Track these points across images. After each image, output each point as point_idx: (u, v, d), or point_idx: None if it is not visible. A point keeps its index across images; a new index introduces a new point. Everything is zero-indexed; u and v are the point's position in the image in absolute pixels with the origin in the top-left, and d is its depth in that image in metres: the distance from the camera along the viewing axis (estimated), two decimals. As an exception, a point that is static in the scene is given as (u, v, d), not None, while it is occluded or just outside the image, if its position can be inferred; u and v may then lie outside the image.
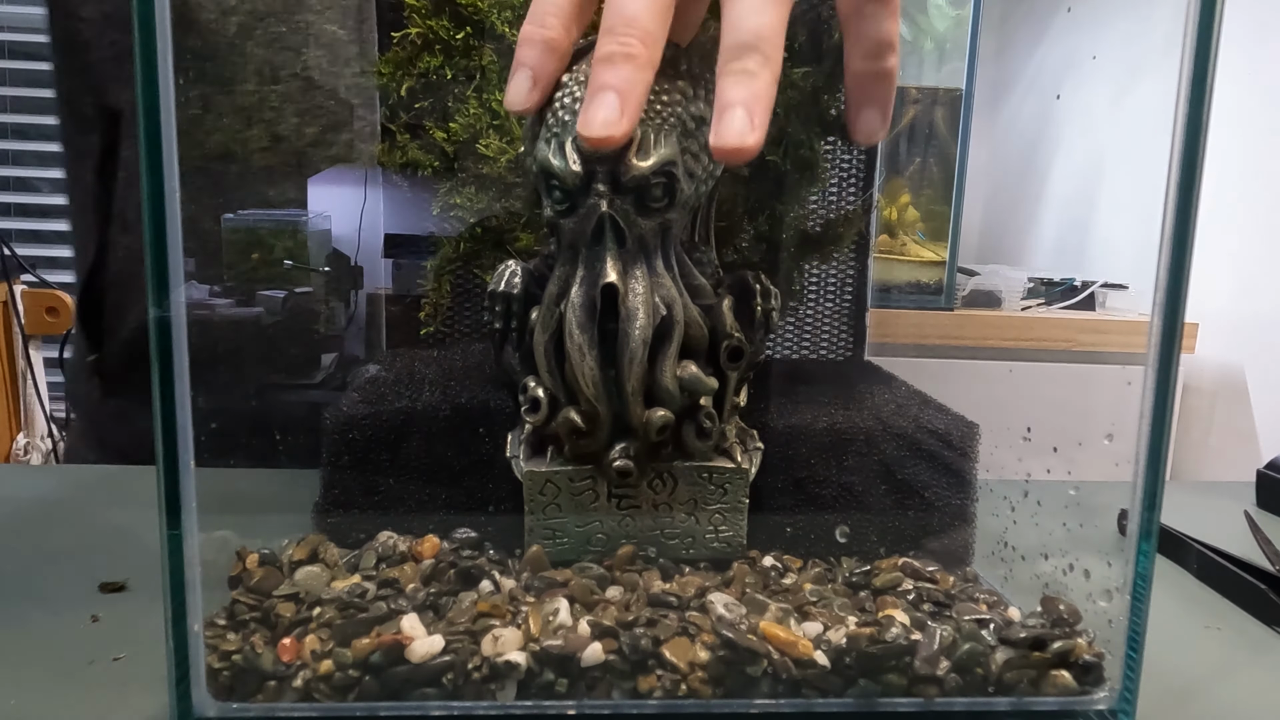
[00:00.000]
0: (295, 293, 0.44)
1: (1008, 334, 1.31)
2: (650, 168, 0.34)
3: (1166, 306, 0.32)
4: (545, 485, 0.37)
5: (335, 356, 0.36)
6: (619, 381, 0.35)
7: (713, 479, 0.37)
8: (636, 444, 0.36)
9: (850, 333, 0.55)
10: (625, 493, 0.37)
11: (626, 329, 0.35)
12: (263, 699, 0.31)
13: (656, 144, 0.34)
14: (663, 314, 0.35)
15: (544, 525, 0.37)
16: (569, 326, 0.35)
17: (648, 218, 0.35)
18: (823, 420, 0.42)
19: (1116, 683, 0.34)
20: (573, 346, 0.35)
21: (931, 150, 1.23)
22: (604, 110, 0.32)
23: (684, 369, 0.36)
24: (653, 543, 0.38)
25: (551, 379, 0.36)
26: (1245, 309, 1.38)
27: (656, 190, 0.34)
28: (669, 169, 0.34)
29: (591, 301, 0.35)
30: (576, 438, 0.36)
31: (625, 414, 0.35)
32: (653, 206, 0.35)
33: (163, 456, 0.29)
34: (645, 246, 0.35)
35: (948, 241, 1.24)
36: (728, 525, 0.38)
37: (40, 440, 1.63)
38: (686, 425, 0.37)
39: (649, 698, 0.32)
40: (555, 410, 0.36)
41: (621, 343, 0.35)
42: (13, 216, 1.79)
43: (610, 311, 0.35)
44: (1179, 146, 0.31)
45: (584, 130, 0.32)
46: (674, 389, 0.36)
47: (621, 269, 0.35)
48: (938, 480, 0.42)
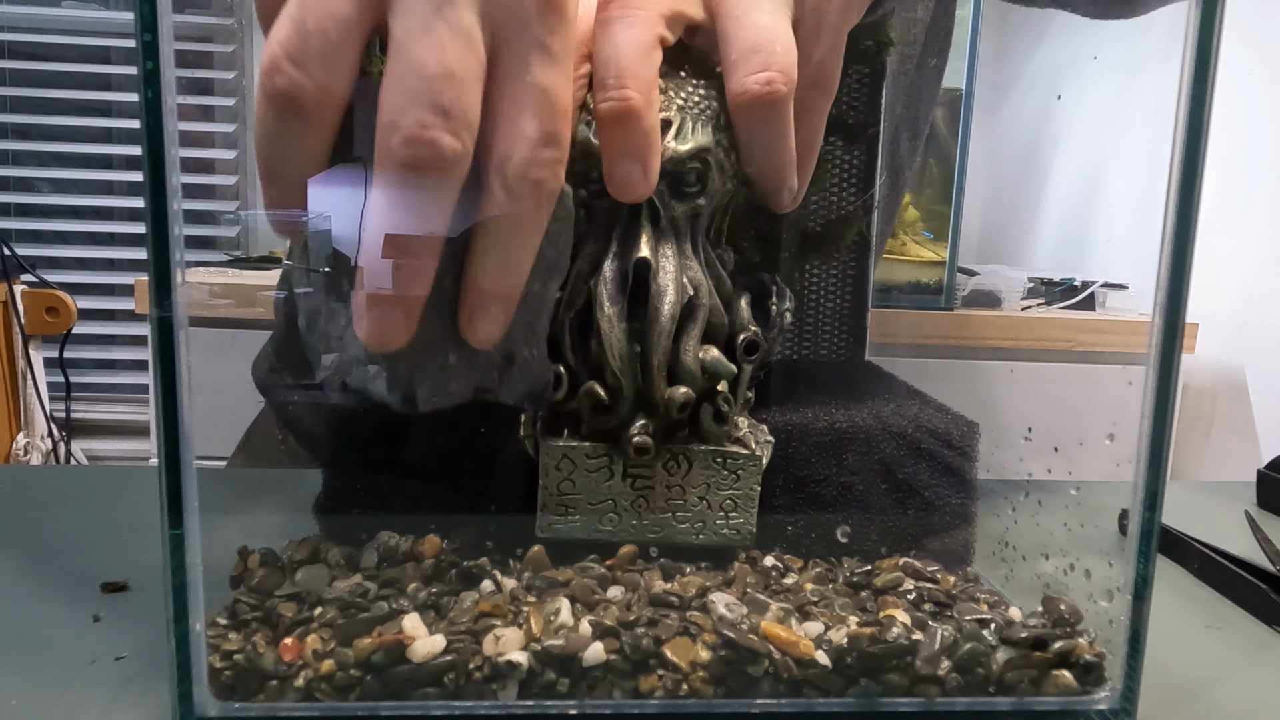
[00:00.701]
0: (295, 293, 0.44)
1: (1008, 334, 1.31)
2: (687, 152, 0.36)
3: (1167, 306, 0.32)
4: (562, 460, 0.37)
5: (335, 357, 0.36)
6: (644, 356, 0.36)
7: (726, 464, 0.38)
8: (655, 422, 0.37)
9: (850, 333, 0.55)
10: (640, 472, 0.37)
11: (656, 304, 0.36)
12: (264, 699, 0.31)
13: (694, 131, 0.36)
14: (689, 294, 0.36)
15: (558, 501, 0.37)
16: (599, 299, 0.36)
17: (681, 201, 0.36)
18: (823, 420, 0.42)
19: (1117, 683, 0.34)
20: (603, 318, 0.36)
21: (931, 150, 1.23)
22: (629, 174, 0.34)
23: (706, 351, 0.37)
24: (663, 526, 0.38)
25: (574, 357, 0.37)
26: (1245, 309, 1.38)
27: (690, 176, 0.36)
28: (704, 156, 0.36)
29: (623, 275, 0.36)
30: (597, 413, 0.37)
31: (648, 389, 0.36)
32: (686, 191, 0.36)
33: (164, 456, 0.29)
34: (677, 229, 0.37)
35: (948, 241, 1.24)
36: (739, 513, 0.38)
37: (40, 440, 1.63)
38: (704, 408, 0.37)
39: (650, 697, 0.32)
40: (575, 388, 0.37)
41: (651, 316, 0.36)
42: (13, 216, 1.79)
43: (639, 290, 0.36)
44: (1180, 146, 0.31)
45: (617, 196, 0.35)
46: (695, 369, 0.37)
47: (654, 247, 0.36)
48: (938, 480, 0.42)
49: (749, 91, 0.35)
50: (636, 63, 0.34)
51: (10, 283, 1.57)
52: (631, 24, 0.35)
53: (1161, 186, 0.31)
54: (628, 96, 0.33)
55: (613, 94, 0.34)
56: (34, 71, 1.78)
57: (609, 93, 0.34)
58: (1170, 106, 0.31)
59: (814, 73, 0.37)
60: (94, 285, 1.79)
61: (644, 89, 0.34)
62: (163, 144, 0.28)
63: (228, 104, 1.77)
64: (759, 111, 0.35)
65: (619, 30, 0.35)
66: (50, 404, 1.65)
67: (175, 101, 0.28)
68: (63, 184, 1.81)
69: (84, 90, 1.79)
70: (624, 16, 0.35)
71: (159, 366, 0.29)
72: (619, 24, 0.35)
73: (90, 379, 1.79)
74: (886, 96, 0.54)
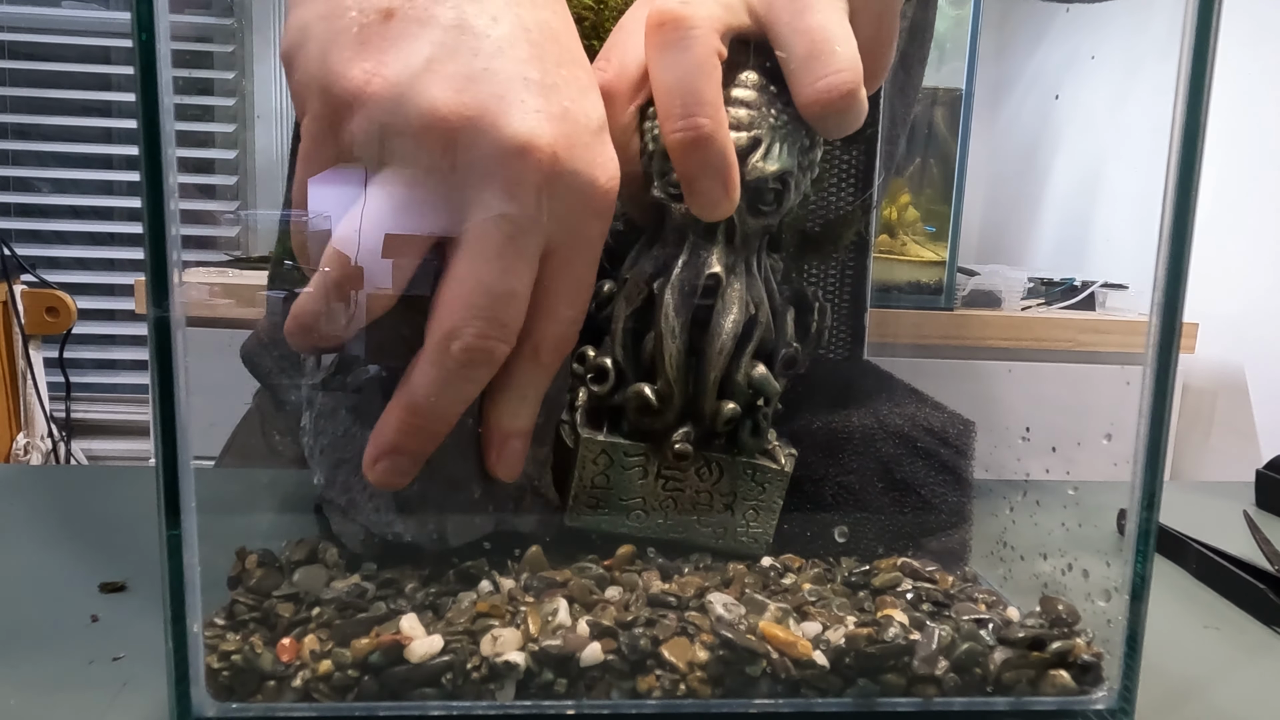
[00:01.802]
0: (295, 293, 0.44)
1: (1008, 334, 1.31)
2: (774, 173, 0.36)
3: (1166, 306, 0.32)
4: (600, 455, 0.38)
5: (335, 357, 0.36)
6: (701, 369, 0.37)
7: (755, 476, 0.38)
8: (697, 430, 0.37)
9: (849, 332, 0.55)
10: (673, 474, 0.38)
11: (721, 321, 0.36)
12: (262, 699, 0.31)
13: (782, 153, 0.36)
14: (751, 313, 0.37)
15: (589, 493, 0.38)
16: (665, 307, 0.36)
17: (756, 218, 0.37)
18: (821, 419, 0.42)
19: (1115, 683, 0.34)
20: (666, 327, 0.36)
21: (931, 150, 1.23)
22: (710, 193, 0.35)
23: (755, 368, 0.37)
24: (687, 528, 0.39)
25: (624, 353, 0.37)
26: (1245, 309, 1.38)
27: (769, 195, 0.36)
28: (785, 177, 0.36)
29: (693, 288, 0.36)
30: (643, 414, 0.37)
31: (699, 401, 0.37)
32: (762, 209, 0.37)
33: (162, 456, 0.29)
34: (749, 246, 0.37)
35: (948, 241, 1.24)
36: (759, 523, 0.39)
37: (40, 440, 1.63)
38: (745, 422, 0.38)
39: (648, 698, 0.32)
40: (620, 382, 0.37)
41: (714, 332, 0.36)
42: (13, 216, 1.79)
43: (703, 301, 0.37)
44: (1178, 146, 0.31)
45: (700, 215, 0.36)
46: (745, 385, 0.37)
47: (727, 263, 0.37)
48: (935, 477, 0.42)
49: (817, 102, 0.35)
50: (701, 87, 0.34)
51: (10, 283, 1.57)
52: (688, 46, 0.34)
53: (1160, 186, 0.31)
54: (699, 125, 0.34)
55: (681, 124, 0.34)
56: (34, 71, 1.78)
57: (678, 123, 0.34)
58: (1169, 106, 0.31)
59: (868, 47, 0.36)
60: (94, 285, 1.79)
61: (712, 112, 0.34)
62: (160, 144, 0.28)
63: (228, 104, 1.77)
64: (832, 117, 0.35)
65: (676, 54, 0.34)
66: (50, 404, 1.65)
67: (172, 101, 0.28)
68: (63, 184, 1.81)
69: (84, 90, 1.78)
70: (680, 39, 0.34)
71: (157, 366, 0.29)
72: (675, 47, 0.34)
73: (90, 379, 1.79)
74: (886, 95, 0.54)
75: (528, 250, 0.32)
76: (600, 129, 0.33)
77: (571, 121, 0.32)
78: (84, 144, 1.80)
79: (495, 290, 0.31)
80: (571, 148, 0.32)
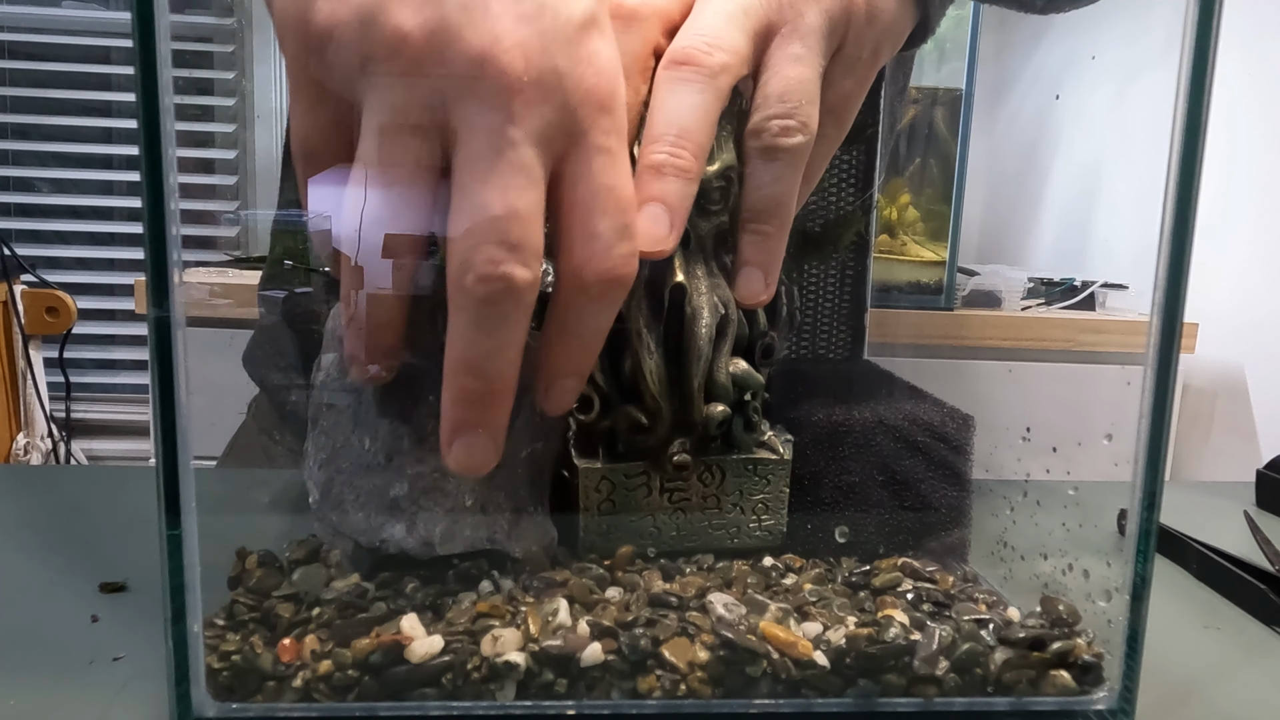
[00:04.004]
0: (295, 293, 0.44)
1: (1008, 334, 1.31)
2: (715, 171, 0.36)
3: (1166, 306, 0.32)
4: (600, 482, 0.37)
5: (335, 357, 0.36)
6: (683, 379, 0.36)
7: (757, 470, 0.38)
8: (691, 438, 0.37)
9: (849, 332, 0.55)
10: (677, 485, 0.38)
11: (693, 328, 0.36)
12: (262, 699, 0.31)
13: (720, 149, 0.36)
14: (721, 313, 0.37)
15: (597, 521, 0.38)
16: (636, 326, 0.36)
17: (707, 219, 0.36)
18: (821, 419, 0.42)
19: (1116, 683, 0.34)
20: (641, 345, 0.36)
21: (931, 150, 1.23)
22: (655, 226, 0.33)
23: (735, 365, 0.37)
24: (700, 534, 0.39)
25: (604, 377, 0.37)
26: (1245, 309, 1.38)
27: (716, 194, 0.36)
28: (729, 173, 0.36)
29: (658, 301, 0.36)
30: (635, 434, 0.37)
31: (688, 410, 0.37)
32: (711, 209, 0.36)
33: (162, 456, 0.29)
34: (704, 248, 0.37)
35: (948, 241, 1.24)
36: (770, 515, 0.39)
37: (40, 440, 1.63)
38: (735, 419, 0.38)
39: (648, 698, 0.32)
40: (606, 408, 0.37)
41: (689, 341, 0.36)
42: (13, 216, 1.79)
43: (672, 312, 0.36)
44: (1178, 146, 0.31)
45: (640, 245, 0.34)
46: (728, 385, 0.37)
47: (687, 269, 0.36)
48: (934, 473, 0.42)
49: (766, 130, 0.36)
50: (700, 131, 0.34)
51: (10, 283, 1.57)
52: (702, 91, 0.35)
53: (1160, 186, 0.31)
54: (681, 157, 0.34)
55: (667, 150, 0.34)
56: (34, 71, 1.78)
57: (664, 147, 0.34)
58: (1169, 106, 0.31)
59: (833, 102, 0.38)
60: (94, 285, 1.79)
61: (698, 154, 0.34)
62: (160, 144, 0.28)
63: (228, 104, 1.77)
64: (769, 153, 0.36)
65: (688, 96, 0.35)
66: (50, 404, 1.65)
67: (172, 101, 0.28)
68: (63, 184, 1.81)
69: (84, 90, 1.78)
70: (698, 86, 0.35)
71: (157, 366, 0.29)
72: (690, 90, 0.35)
73: (90, 379, 1.79)
74: (886, 96, 0.54)
75: (523, 163, 0.29)
76: (586, 25, 0.31)
77: (547, 19, 0.30)
78: (84, 144, 1.80)
79: (494, 210, 0.29)
80: (546, 46, 0.30)
